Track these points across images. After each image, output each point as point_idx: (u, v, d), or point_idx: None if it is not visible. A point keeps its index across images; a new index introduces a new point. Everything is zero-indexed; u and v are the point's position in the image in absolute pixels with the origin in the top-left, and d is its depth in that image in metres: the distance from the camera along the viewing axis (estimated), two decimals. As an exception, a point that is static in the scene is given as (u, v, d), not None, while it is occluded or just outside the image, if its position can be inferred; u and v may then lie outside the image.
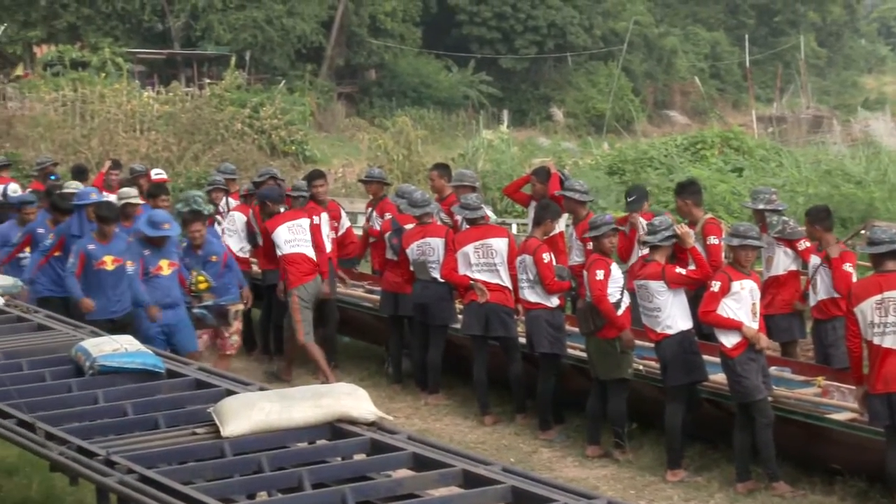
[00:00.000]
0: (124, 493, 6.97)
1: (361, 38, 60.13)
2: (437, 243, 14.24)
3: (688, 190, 13.70)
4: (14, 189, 18.26)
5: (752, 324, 11.12)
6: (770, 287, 13.03)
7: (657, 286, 11.63)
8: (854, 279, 12.03)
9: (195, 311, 13.82)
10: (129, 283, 13.38)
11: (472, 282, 13.60)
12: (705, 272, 11.62)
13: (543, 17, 64.04)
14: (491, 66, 64.52)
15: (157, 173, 19.53)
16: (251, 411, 7.85)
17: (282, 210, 15.47)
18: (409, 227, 14.65)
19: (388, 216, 15.55)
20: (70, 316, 12.61)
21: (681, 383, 11.63)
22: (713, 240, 12.86)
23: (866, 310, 10.27)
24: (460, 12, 64.35)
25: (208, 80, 47.65)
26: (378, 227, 15.75)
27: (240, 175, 20.36)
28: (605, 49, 67.37)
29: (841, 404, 11.54)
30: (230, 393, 8.62)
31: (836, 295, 12.22)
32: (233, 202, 17.12)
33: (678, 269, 11.75)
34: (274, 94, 43.30)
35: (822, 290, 12.39)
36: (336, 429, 8.00)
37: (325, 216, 15.77)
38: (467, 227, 14.22)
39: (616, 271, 12.21)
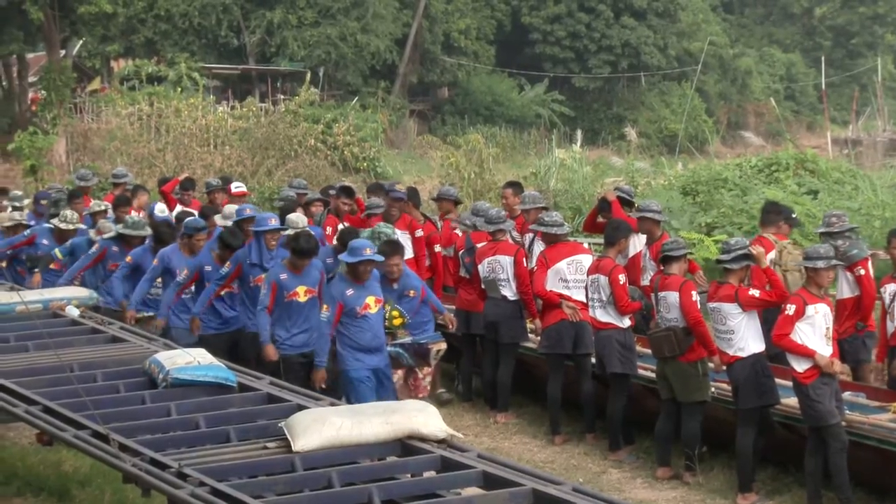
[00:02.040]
0: (196, 505, 7.01)
1: (435, 56, 60.33)
2: (506, 261, 14.20)
3: (764, 211, 13.88)
4: (161, 209, 17.38)
5: (826, 348, 11.01)
6: (839, 311, 12.90)
7: (731, 308, 11.54)
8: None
9: (389, 349, 12.59)
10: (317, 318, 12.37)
11: (562, 300, 13.54)
12: (780, 294, 11.51)
13: (618, 37, 63.98)
14: (564, 85, 64.54)
15: (238, 187, 19.13)
16: (322, 426, 7.88)
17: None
18: (480, 244, 14.63)
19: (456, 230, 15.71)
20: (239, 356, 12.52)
21: (753, 406, 11.54)
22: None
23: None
24: (534, 31, 64.43)
25: (282, 96, 48.00)
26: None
27: (312, 190, 20.39)
28: (680, 69, 67.18)
29: (916, 430, 11.39)
30: (301, 408, 8.66)
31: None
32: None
33: (752, 292, 11.65)
34: (347, 111, 43.50)
35: (902, 316, 12.24)
36: (406, 445, 8.01)
37: None
38: (543, 245, 14.17)
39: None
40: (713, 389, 12.30)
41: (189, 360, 9.60)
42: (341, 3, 53.70)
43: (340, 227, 15.92)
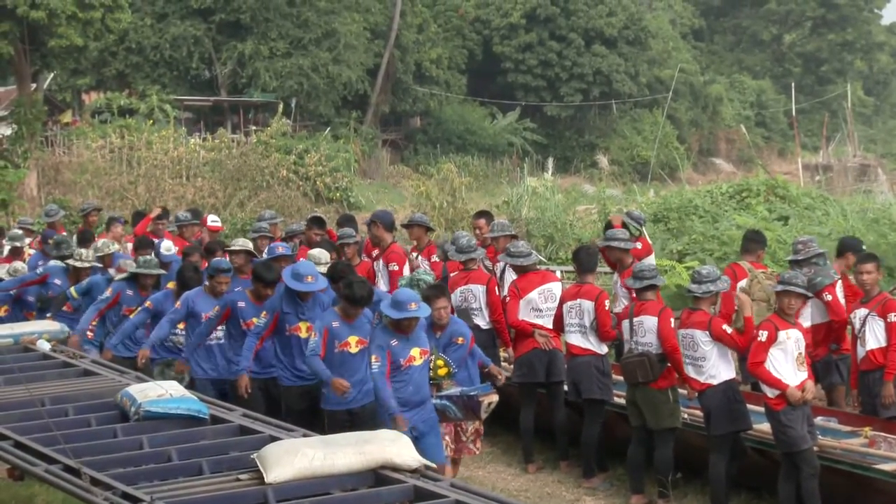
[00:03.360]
0: (168, 538, 6.99)
1: (407, 86, 60.43)
2: (478, 290, 14.18)
3: (744, 239, 14.33)
4: (168, 247, 15.95)
5: (799, 374, 11.04)
6: (813, 335, 12.96)
7: (703, 336, 11.57)
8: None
9: (434, 402, 11.42)
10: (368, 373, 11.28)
11: (534, 329, 13.54)
12: (747, 342, 11.47)
13: (589, 65, 64.24)
14: (536, 114, 64.76)
15: (214, 221, 18.88)
16: (295, 458, 7.86)
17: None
18: (453, 274, 14.63)
19: (434, 258, 15.53)
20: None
21: (725, 432, 11.57)
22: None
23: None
24: (506, 60, 64.65)
25: (254, 127, 48.02)
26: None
27: (283, 221, 20.38)
28: (651, 97, 67.47)
29: (888, 455, 11.44)
30: (274, 439, 8.63)
31: (883, 345, 12.15)
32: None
33: (725, 327, 11.65)
34: (319, 141, 43.55)
35: (870, 340, 12.30)
36: (379, 476, 7.99)
37: None
38: (515, 274, 14.17)
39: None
40: (685, 416, 12.33)
41: (161, 393, 9.58)
42: (313, 34, 53.78)
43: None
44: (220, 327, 12.89)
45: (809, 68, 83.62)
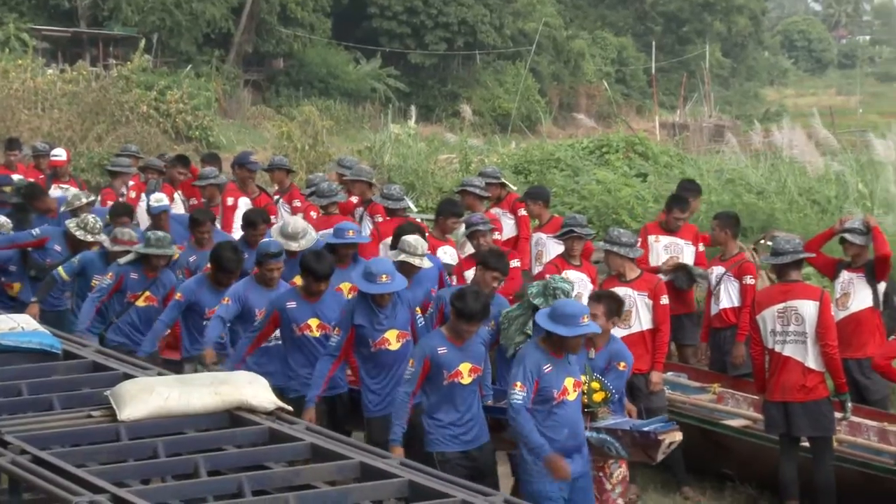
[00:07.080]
0: (16, 473, 6.90)
1: (271, 26, 59.82)
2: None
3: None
4: (159, 199, 13.78)
5: None
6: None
7: None
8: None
9: (590, 435, 9.04)
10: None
11: None
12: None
13: (454, 14, 64.17)
14: (400, 61, 64.56)
15: (56, 155, 17.52)
16: (149, 396, 7.79)
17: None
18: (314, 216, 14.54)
19: (296, 203, 15.49)
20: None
21: None
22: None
23: (768, 318, 10.39)
24: (371, 5, 64.30)
25: (114, 61, 47.16)
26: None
27: (145, 157, 20.05)
28: (514, 49, 67.64)
29: (735, 411, 11.71)
30: (128, 377, 8.53)
31: (737, 305, 12.37)
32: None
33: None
34: (181, 79, 42.97)
35: (724, 298, 12.53)
36: (235, 417, 7.96)
37: None
38: (371, 220, 14.13)
39: None
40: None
41: (12, 326, 9.41)
42: (177, -31, 53.02)
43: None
44: None
45: (670, 28, 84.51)
